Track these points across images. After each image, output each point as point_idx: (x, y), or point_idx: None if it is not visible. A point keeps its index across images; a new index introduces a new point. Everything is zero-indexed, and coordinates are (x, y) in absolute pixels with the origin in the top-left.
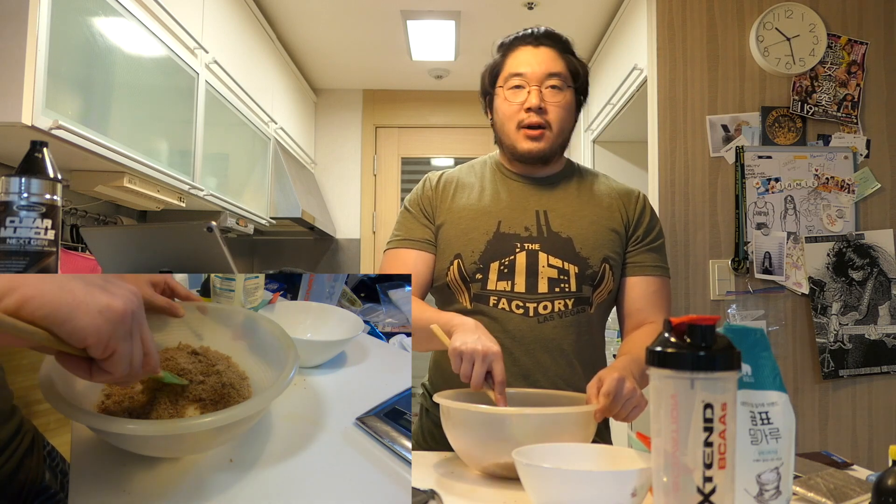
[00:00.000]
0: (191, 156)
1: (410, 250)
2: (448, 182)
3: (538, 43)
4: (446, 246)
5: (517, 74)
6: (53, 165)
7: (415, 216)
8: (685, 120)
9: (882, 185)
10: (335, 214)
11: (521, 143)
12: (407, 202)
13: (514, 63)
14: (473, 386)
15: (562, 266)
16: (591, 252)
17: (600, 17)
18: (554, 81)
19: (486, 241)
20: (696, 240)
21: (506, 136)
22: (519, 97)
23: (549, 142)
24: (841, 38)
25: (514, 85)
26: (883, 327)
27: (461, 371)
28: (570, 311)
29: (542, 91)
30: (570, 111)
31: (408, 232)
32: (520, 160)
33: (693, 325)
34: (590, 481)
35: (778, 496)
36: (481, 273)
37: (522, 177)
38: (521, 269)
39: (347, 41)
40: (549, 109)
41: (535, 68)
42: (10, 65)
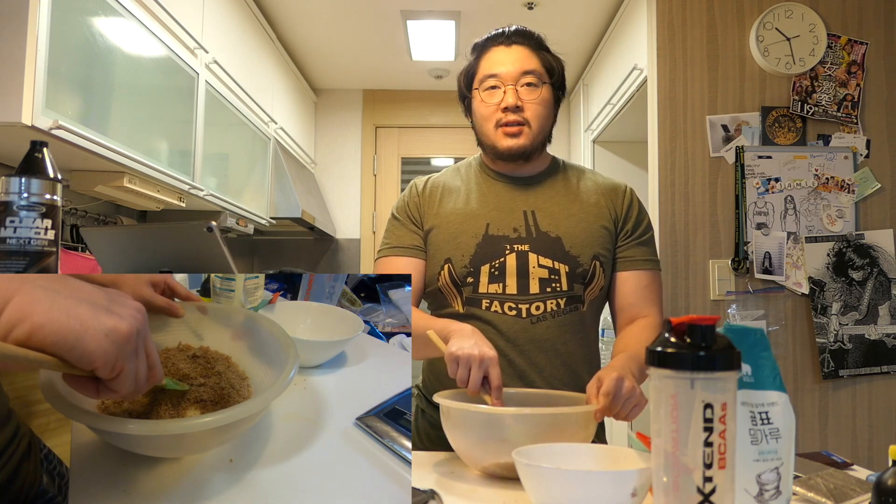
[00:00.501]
0: (191, 156)
1: (401, 258)
2: (434, 187)
3: (510, 42)
4: (436, 251)
5: (492, 76)
6: (53, 165)
7: (402, 223)
8: (685, 120)
9: (882, 185)
10: (335, 214)
11: (500, 142)
12: (395, 210)
13: (487, 64)
14: (470, 391)
15: (552, 266)
16: (581, 250)
17: (600, 17)
18: (529, 79)
19: (475, 245)
20: (696, 240)
21: (485, 136)
22: (495, 98)
23: (528, 138)
24: (841, 38)
25: (490, 86)
26: (883, 327)
27: (458, 376)
28: (563, 311)
29: (518, 90)
30: (547, 107)
31: (397, 239)
32: (501, 158)
33: (693, 325)
34: (590, 481)
35: (778, 496)
36: (472, 276)
37: (507, 177)
38: (511, 270)
39: (347, 41)
40: (527, 107)
41: (508, 67)
42: (10, 65)
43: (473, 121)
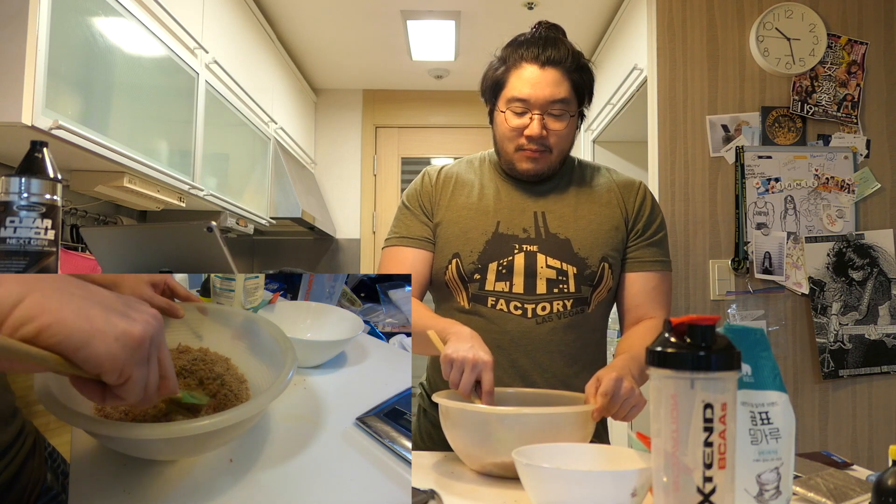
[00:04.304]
0: (191, 156)
1: (409, 248)
2: (448, 178)
3: (544, 63)
4: (445, 244)
5: (520, 100)
6: (53, 165)
7: (413, 213)
8: (685, 120)
9: (882, 185)
10: (335, 214)
11: (519, 164)
12: (405, 197)
13: (518, 83)
14: (461, 394)
15: (560, 267)
16: (590, 252)
17: (600, 17)
18: (557, 109)
19: (484, 242)
20: (696, 240)
21: (504, 153)
22: (520, 121)
23: (548, 163)
24: (841, 38)
25: (517, 110)
26: (883, 327)
27: (450, 378)
28: (569, 312)
29: (545, 118)
30: (571, 132)
31: (406, 229)
32: (517, 177)
33: (693, 325)
34: (590, 481)
35: (778, 496)
36: (479, 273)
37: (520, 180)
38: (519, 269)
39: (347, 41)
40: (551, 136)
41: (538, 94)
42: (10, 65)
43: (494, 130)
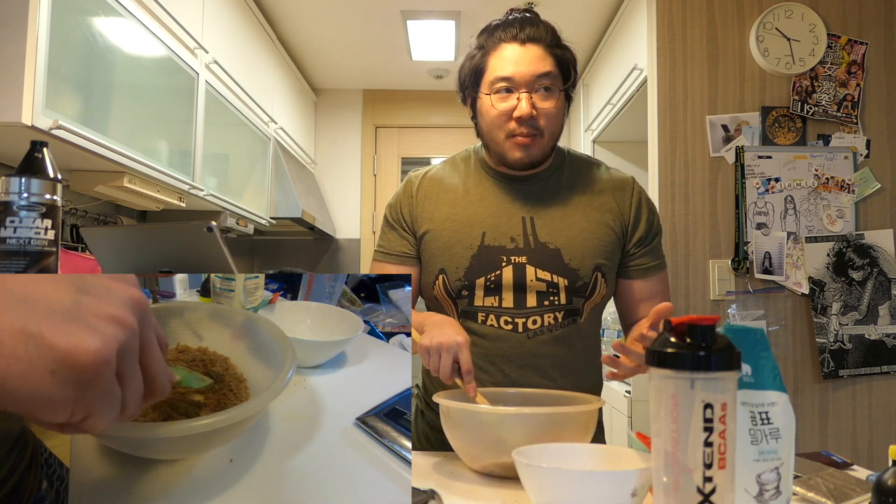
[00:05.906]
0: (191, 156)
1: (390, 264)
2: (431, 184)
3: (524, 40)
4: (430, 259)
5: (504, 78)
6: (53, 165)
7: (393, 227)
8: (685, 120)
9: (882, 185)
10: (335, 214)
11: (511, 153)
12: (387, 209)
13: (499, 64)
14: (443, 378)
15: (550, 279)
16: (581, 262)
17: (600, 17)
18: (545, 83)
19: (469, 257)
20: (696, 240)
21: (494, 143)
22: (507, 103)
23: (540, 148)
24: (841, 38)
25: (501, 89)
26: (883, 327)
27: (430, 365)
28: (560, 324)
29: (533, 96)
30: (561, 113)
31: (388, 244)
32: (509, 167)
33: (693, 325)
34: (590, 481)
35: (778, 496)
36: (467, 290)
37: (508, 177)
38: (508, 283)
39: (347, 41)
40: (541, 115)
41: (522, 70)
42: (10, 65)
43: (479, 121)
